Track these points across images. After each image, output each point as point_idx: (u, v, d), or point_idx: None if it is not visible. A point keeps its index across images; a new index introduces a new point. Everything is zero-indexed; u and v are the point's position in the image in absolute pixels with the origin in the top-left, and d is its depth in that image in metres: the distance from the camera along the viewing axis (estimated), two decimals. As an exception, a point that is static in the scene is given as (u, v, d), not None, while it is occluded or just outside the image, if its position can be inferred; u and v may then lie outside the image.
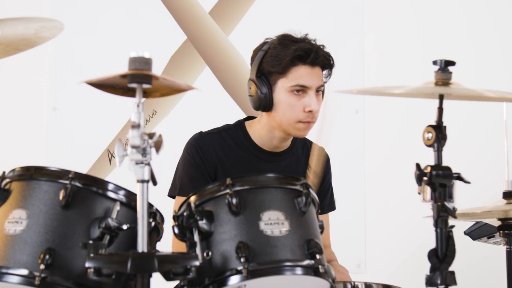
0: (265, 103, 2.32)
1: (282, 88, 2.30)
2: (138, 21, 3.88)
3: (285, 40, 2.32)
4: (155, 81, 1.61)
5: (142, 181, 1.59)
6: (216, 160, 2.39)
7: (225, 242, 1.79)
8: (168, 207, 2.48)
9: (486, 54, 3.82)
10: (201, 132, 2.44)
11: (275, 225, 1.79)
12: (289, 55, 2.28)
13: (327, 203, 2.56)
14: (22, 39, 2.00)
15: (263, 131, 2.41)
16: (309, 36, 2.36)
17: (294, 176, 1.91)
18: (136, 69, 1.59)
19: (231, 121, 2.50)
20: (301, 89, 2.30)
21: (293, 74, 2.29)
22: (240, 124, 2.46)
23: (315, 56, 2.29)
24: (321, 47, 2.34)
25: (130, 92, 1.62)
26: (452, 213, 1.71)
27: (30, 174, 1.83)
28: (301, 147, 2.51)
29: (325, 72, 2.34)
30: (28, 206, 1.78)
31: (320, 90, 2.34)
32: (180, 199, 2.38)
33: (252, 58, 2.37)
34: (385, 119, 3.85)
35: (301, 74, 2.29)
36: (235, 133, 2.44)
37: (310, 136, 2.46)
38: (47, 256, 1.71)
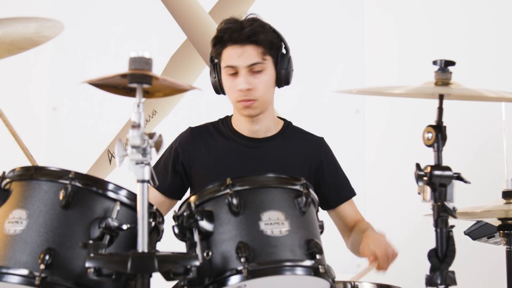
0: (216, 88, 2.40)
1: (222, 71, 2.37)
2: (138, 21, 3.88)
3: (220, 24, 2.37)
4: (155, 81, 1.62)
5: (142, 181, 1.59)
6: (196, 152, 2.42)
7: (225, 242, 1.79)
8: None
9: (486, 54, 3.82)
10: (190, 127, 2.50)
11: (275, 225, 1.79)
12: (214, 39, 2.36)
13: (346, 189, 2.52)
14: (24, 38, 2.00)
15: (236, 117, 2.45)
16: (253, 16, 2.40)
17: (295, 176, 1.91)
18: (136, 69, 1.59)
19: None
20: (234, 70, 2.33)
21: (225, 56, 2.34)
22: (226, 117, 2.51)
23: (233, 35, 2.32)
24: (251, 23, 2.34)
25: (132, 92, 1.63)
26: (452, 213, 1.71)
27: (30, 174, 1.83)
28: (292, 137, 2.47)
29: (262, 49, 2.33)
30: (28, 206, 1.78)
31: (255, 69, 2.32)
32: None
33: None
34: (385, 119, 3.85)
35: (230, 54, 2.33)
36: (220, 125, 2.49)
37: (319, 132, 2.49)
38: (47, 256, 1.71)
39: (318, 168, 2.44)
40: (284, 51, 2.38)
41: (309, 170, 2.42)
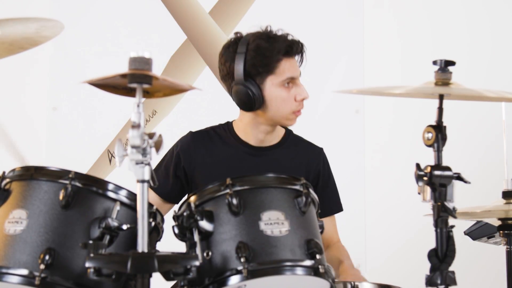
0: (258, 103, 2.34)
1: (272, 85, 2.34)
2: (138, 21, 3.88)
3: (265, 39, 2.34)
4: (155, 81, 1.62)
5: (142, 181, 1.59)
6: (198, 158, 2.41)
7: (225, 242, 1.79)
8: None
9: (486, 54, 3.82)
10: (190, 132, 2.49)
11: (275, 225, 1.80)
12: (278, 53, 2.33)
13: (332, 203, 2.52)
14: (24, 38, 2.01)
15: (248, 128, 2.43)
16: (276, 28, 2.40)
17: (294, 176, 1.91)
18: (136, 69, 1.59)
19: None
20: (291, 81, 2.35)
21: (280, 69, 2.34)
22: (228, 123, 2.50)
23: (297, 47, 2.36)
24: (291, 35, 2.40)
25: (132, 92, 1.63)
26: (452, 213, 1.71)
27: (30, 174, 1.83)
28: (294, 146, 2.49)
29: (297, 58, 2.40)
30: (28, 206, 1.78)
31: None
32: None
33: (227, 60, 2.36)
34: (385, 119, 3.85)
35: (287, 67, 2.35)
36: (222, 131, 2.47)
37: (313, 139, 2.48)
38: (47, 256, 1.71)
39: (314, 178, 2.46)
40: None
41: (307, 178, 2.42)
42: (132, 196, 1.82)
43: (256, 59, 2.32)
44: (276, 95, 2.34)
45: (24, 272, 1.71)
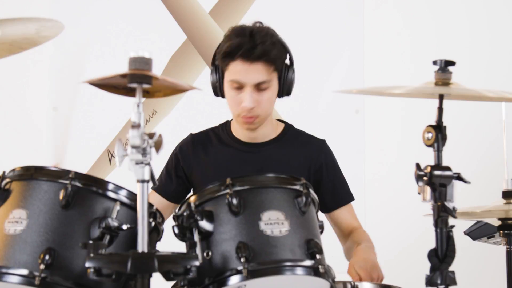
0: (219, 91, 2.34)
1: (226, 80, 2.31)
2: (138, 21, 3.88)
3: (230, 33, 2.29)
4: (155, 81, 1.62)
5: (142, 181, 1.59)
6: (195, 159, 2.43)
7: (225, 242, 1.79)
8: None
9: (486, 54, 3.82)
10: (191, 134, 2.50)
11: (275, 225, 1.79)
12: (223, 50, 2.27)
13: (344, 193, 2.49)
14: (24, 38, 2.01)
15: (234, 122, 2.43)
16: (261, 25, 2.30)
17: (295, 176, 1.91)
18: (136, 69, 1.59)
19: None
20: (239, 85, 2.27)
21: (232, 69, 2.27)
22: (226, 122, 2.50)
23: (247, 51, 2.23)
24: (262, 41, 2.23)
25: (132, 92, 1.63)
26: (452, 213, 1.71)
27: (30, 174, 1.83)
28: (292, 140, 2.45)
29: (271, 66, 2.26)
30: (28, 206, 1.78)
31: (262, 86, 2.27)
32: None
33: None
34: (385, 119, 3.85)
35: (238, 69, 2.26)
36: (220, 131, 2.48)
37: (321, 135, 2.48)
38: (47, 256, 1.71)
39: (317, 170, 2.43)
40: (288, 63, 2.33)
41: (308, 172, 2.41)
42: (132, 196, 1.82)
43: (218, 50, 2.31)
44: (227, 91, 2.32)
45: (24, 272, 1.71)
